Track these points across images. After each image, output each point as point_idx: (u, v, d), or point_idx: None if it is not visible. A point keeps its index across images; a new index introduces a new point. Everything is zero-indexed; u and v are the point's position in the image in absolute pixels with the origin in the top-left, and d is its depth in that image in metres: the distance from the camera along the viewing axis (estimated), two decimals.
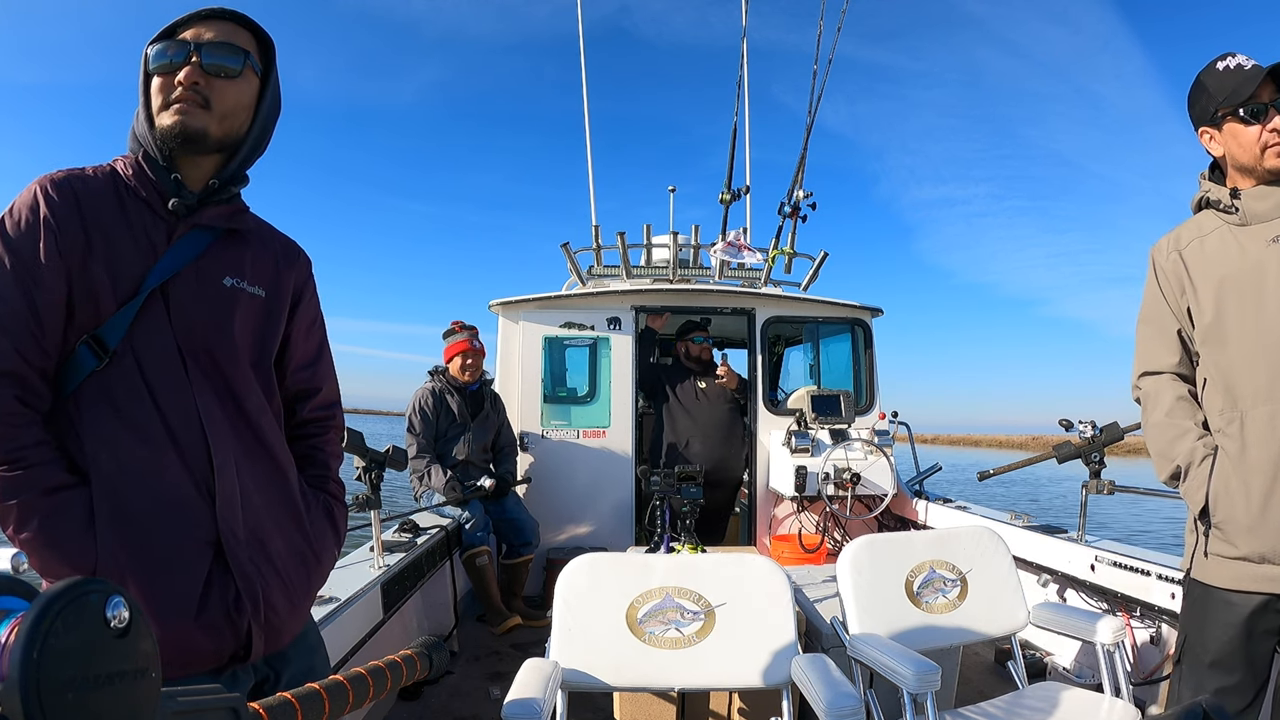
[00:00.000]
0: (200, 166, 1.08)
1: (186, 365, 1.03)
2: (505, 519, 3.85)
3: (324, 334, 1.30)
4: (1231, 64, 1.50)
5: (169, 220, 1.06)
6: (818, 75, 4.66)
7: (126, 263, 1.00)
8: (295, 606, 1.10)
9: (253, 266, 1.14)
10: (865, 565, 1.98)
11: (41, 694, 0.32)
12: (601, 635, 1.78)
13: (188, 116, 1.02)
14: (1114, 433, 2.94)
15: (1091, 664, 2.73)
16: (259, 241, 1.18)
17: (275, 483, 1.12)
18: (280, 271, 1.19)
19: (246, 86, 1.08)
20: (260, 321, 1.14)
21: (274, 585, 1.05)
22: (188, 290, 1.05)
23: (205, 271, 1.07)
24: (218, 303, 1.08)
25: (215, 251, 1.10)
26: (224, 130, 1.07)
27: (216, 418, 1.04)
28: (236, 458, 1.05)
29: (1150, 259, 1.68)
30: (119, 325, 0.98)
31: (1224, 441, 1.49)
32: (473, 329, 4.01)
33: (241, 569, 1.01)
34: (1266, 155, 1.47)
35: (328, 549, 1.19)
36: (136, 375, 0.99)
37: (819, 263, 5.00)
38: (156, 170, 1.05)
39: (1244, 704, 1.47)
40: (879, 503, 4.11)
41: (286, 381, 1.22)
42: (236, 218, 1.14)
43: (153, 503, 0.96)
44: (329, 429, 1.28)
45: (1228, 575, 1.47)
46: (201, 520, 0.99)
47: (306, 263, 1.26)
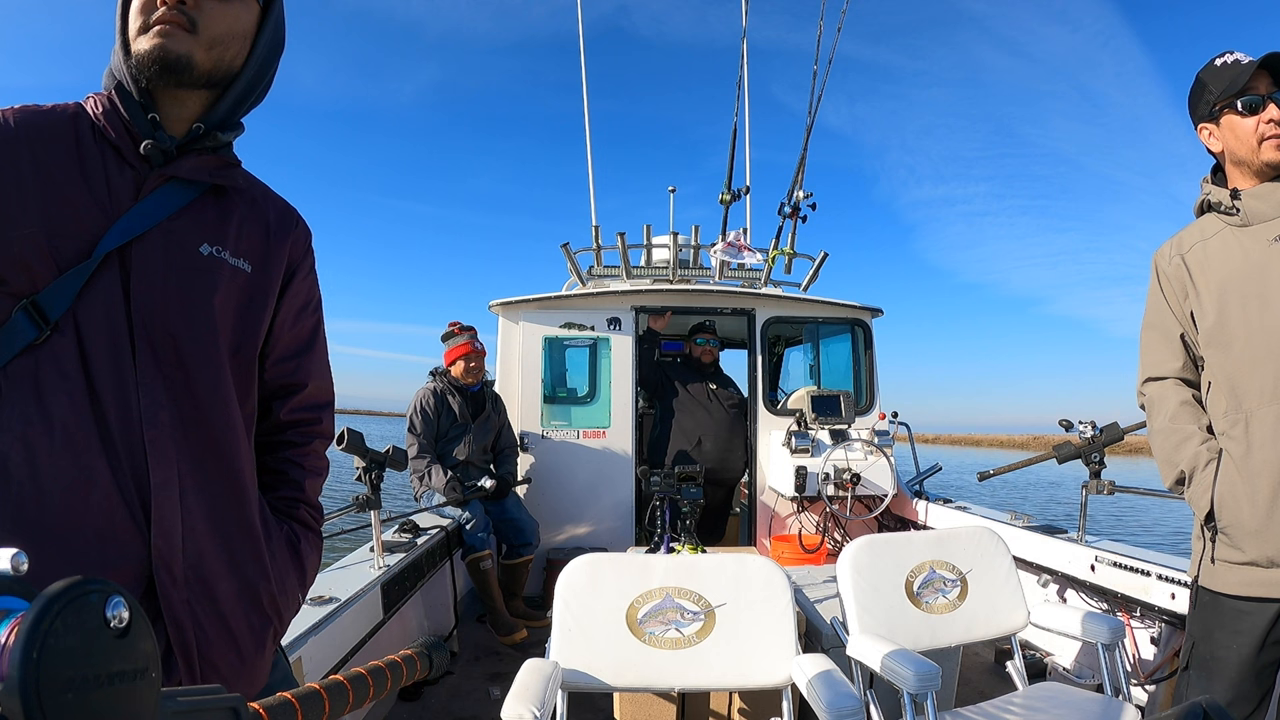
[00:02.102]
0: (184, 105, 0.90)
1: (136, 351, 0.83)
2: (505, 519, 3.85)
3: (319, 320, 1.08)
4: (1229, 59, 1.52)
5: (138, 169, 0.87)
6: (818, 75, 4.67)
7: (77, 217, 0.82)
8: (244, 662, 0.90)
9: (238, 234, 0.94)
10: (865, 565, 1.98)
11: (41, 694, 0.32)
12: (601, 635, 1.78)
13: (169, 40, 0.84)
14: (1114, 433, 2.94)
15: (1091, 664, 2.73)
16: (248, 204, 0.98)
17: (232, 509, 0.91)
18: (272, 242, 0.98)
19: (243, 11, 0.91)
20: (242, 302, 0.93)
21: (216, 637, 0.86)
22: (153, 256, 0.85)
23: (177, 235, 0.88)
24: (190, 275, 0.88)
25: (194, 211, 0.91)
26: (212, 60, 0.88)
27: (163, 422, 0.84)
28: (183, 474, 0.85)
29: (1153, 264, 1.68)
30: (64, 292, 0.80)
31: (1228, 444, 1.49)
32: (472, 330, 4.01)
33: (174, 614, 0.82)
34: (1263, 147, 1.47)
35: (288, 592, 0.97)
36: (74, 357, 0.80)
37: (819, 263, 5.00)
38: (130, 106, 0.87)
39: (1249, 710, 1.47)
40: (879, 503, 4.11)
41: (265, 374, 1.01)
42: (223, 172, 0.94)
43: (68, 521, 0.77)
44: (311, 438, 1.06)
45: (1236, 581, 1.47)
46: (129, 550, 0.80)
47: (305, 233, 1.06)
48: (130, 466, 0.81)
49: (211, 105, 0.92)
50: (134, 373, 0.83)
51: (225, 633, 0.87)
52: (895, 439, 4.38)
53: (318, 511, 1.07)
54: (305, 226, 1.06)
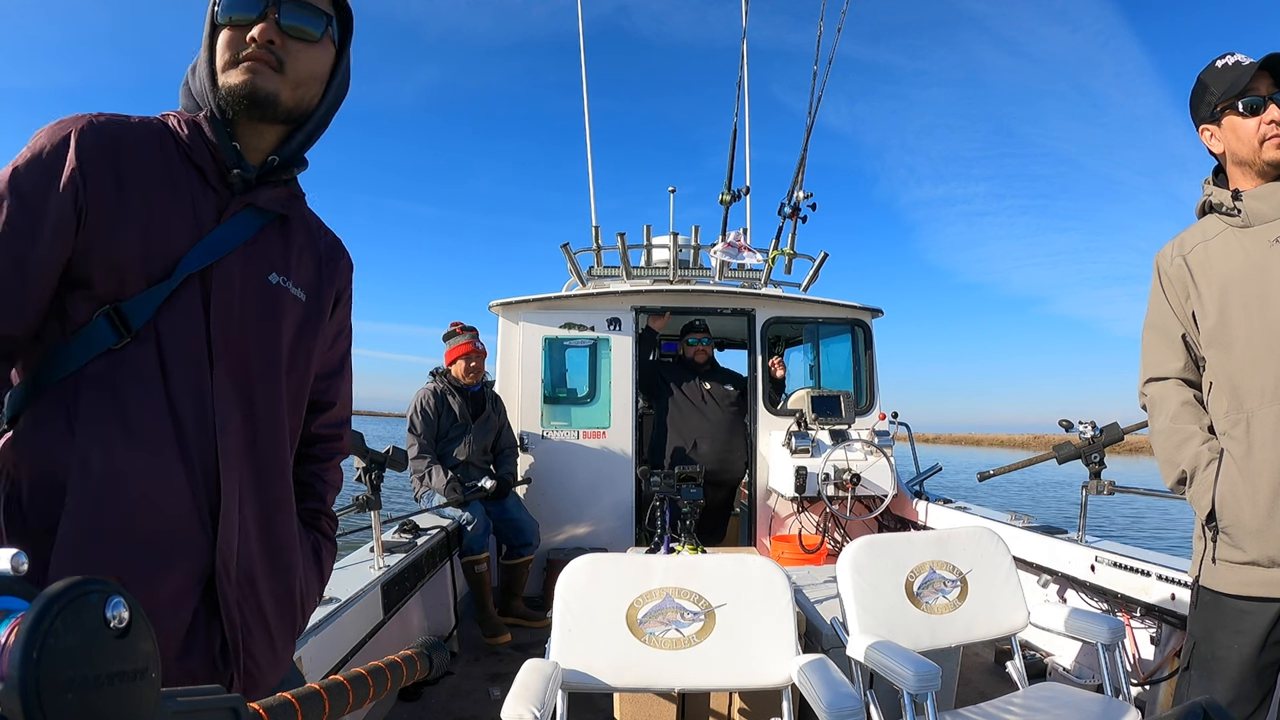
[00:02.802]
0: (262, 137, 0.96)
1: (214, 366, 0.89)
2: (506, 520, 3.85)
3: (349, 345, 1.16)
4: (1230, 61, 1.52)
5: (221, 194, 0.93)
6: (818, 75, 4.67)
7: (165, 233, 0.87)
8: (278, 657, 0.98)
9: (298, 264, 1.01)
10: (865, 566, 1.98)
11: (41, 694, 0.32)
12: (601, 636, 1.78)
13: (259, 77, 0.90)
14: (1114, 433, 2.94)
15: (1091, 664, 2.72)
16: (305, 235, 1.04)
17: (279, 516, 0.98)
18: (324, 274, 1.06)
19: (323, 55, 0.97)
20: (298, 328, 1.00)
21: (257, 633, 0.93)
22: (231, 279, 0.91)
23: (251, 261, 0.94)
24: (260, 299, 0.94)
25: (264, 239, 0.96)
26: (295, 99, 0.94)
27: (232, 431, 0.90)
28: (244, 482, 0.91)
29: (1155, 265, 1.68)
30: (147, 304, 0.84)
31: (1230, 444, 1.49)
32: (473, 330, 4.00)
33: (229, 613, 0.88)
34: (1265, 147, 1.47)
35: (310, 596, 1.05)
36: (155, 366, 0.84)
37: (819, 263, 5.00)
38: (219, 133, 0.92)
39: (1250, 710, 1.47)
40: (879, 503, 4.11)
41: None
42: (292, 203, 1.01)
43: (142, 525, 0.82)
44: (334, 454, 1.16)
45: (1237, 581, 1.47)
46: (195, 549, 0.86)
47: (349, 265, 1.13)
48: (202, 471, 0.87)
49: (285, 139, 0.98)
50: (211, 386, 0.88)
51: (265, 630, 0.94)
52: (895, 439, 4.38)
53: (334, 522, 1.17)
54: (349, 260, 1.14)
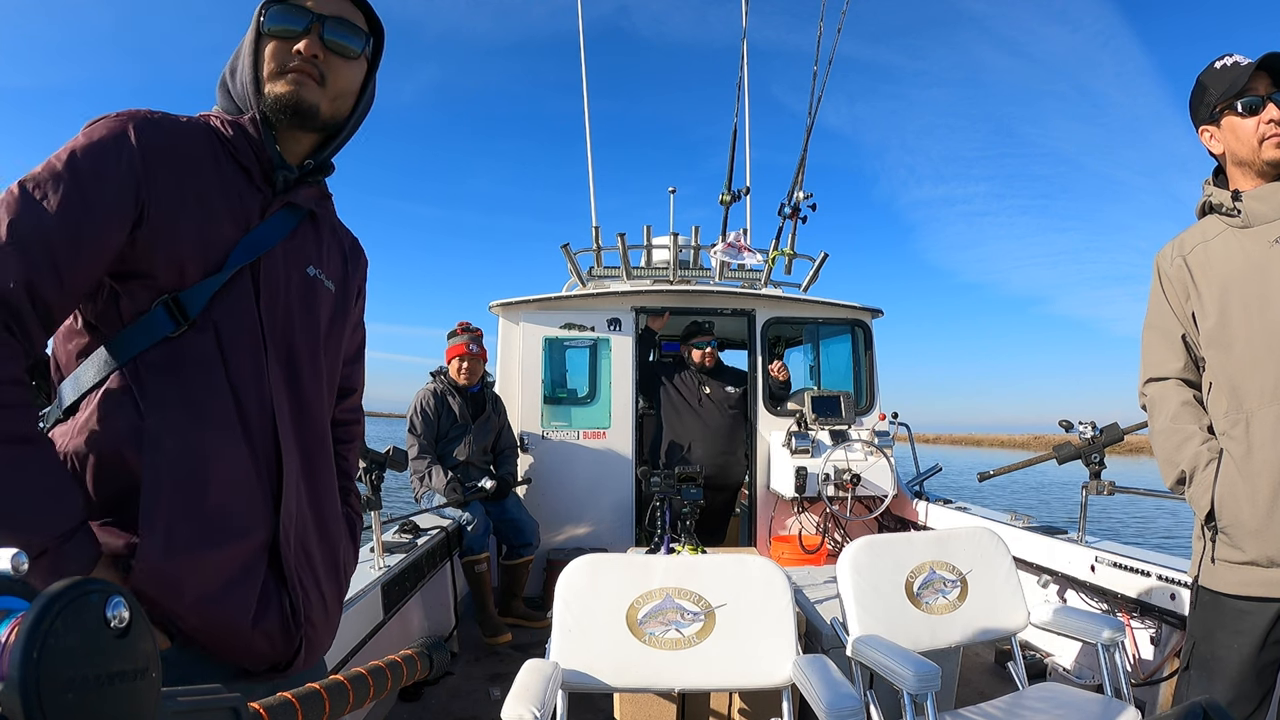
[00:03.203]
0: (300, 143, 1.03)
1: (267, 351, 0.95)
2: (506, 520, 3.86)
3: (364, 336, 1.27)
4: (1228, 62, 1.53)
5: (264, 192, 0.99)
6: (818, 75, 4.67)
7: (218, 228, 0.93)
8: (329, 620, 1.06)
9: (327, 258, 1.09)
10: (865, 566, 1.98)
11: (42, 694, 0.32)
12: (602, 636, 1.78)
13: (303, 89, 0.97)
14: (1114, 433, 2.94)
15: (1091, 664, 2.72)
16: (330, 232, 1.13)
17: (324, 491, 1.06)
18: (348, 268, 1.15)
19: (358, 70, 1.04)
20: (330, 318, 1.08)
21: (315, 598, 1.00)
22: (277, 271, 0.98)
23: (292, 255, 1.02)
24: (301, 290, 1.02)
25: (300, 235, 1.04)
26: (333, 110, 1.02)
27: (287, 414, 0.97)
28: (299, 459, 0.99)
29: (1155, 265, 1.68)
30: (202, 294, 0.90)
31: (1229, 444, 1.49)
32: (475, 332, 3.99)
33: (292, 580, 0.95)
34: (1264, 146, 1.48)
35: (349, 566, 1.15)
36: (215, 353, 0.90)
37: (819, 264, 5.00)
38: (265, 136, 0.99)
39: (1250, 710, 1.47)
40: (879, 504, 4.11)
41: None
42: (322, 203, 1.10)
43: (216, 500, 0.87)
44: (355, 437, 1.24)
45: (1236, 581, 1.47)
46: (261, 522, 0.92)
47: (366, 263, 1.23)
48: (263, 448, 0.93)
49: (319, 146, 1.06)
50: (266, 372, 0.95)
51: (320, 596, 1.01)
52: (895, 439, 4.38)
53: (360, 498, 1.26)
54: (366, 257, 1.23)
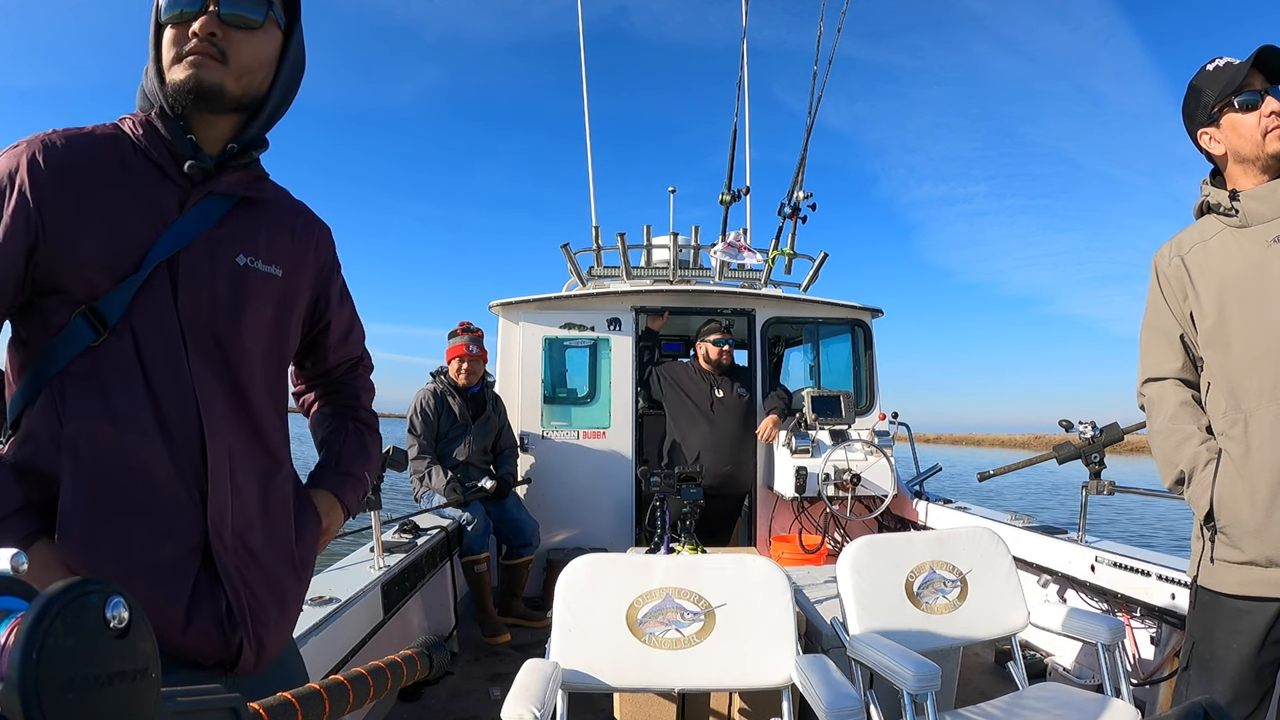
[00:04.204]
0: (216, 127, 0.98)
1: (188, 350, 0.93)
2: (506, 520, 3.85)
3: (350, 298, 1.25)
4: (1220, 63, 1.54)
5: (182, 185, 0.96)
6: (818, 75, 4.67)
7: (129, 232, 0.90)
8: (285, 617, 1.03)
9: (269, 242, 1.04)
10: (865, 566, 1.98)
11: (41, 694, 0.32)
12: (601, 636, 1.78)
13: (202, 70, 0.92)
14: (1114, 433, 2.94)
15: (1091, 664, 2.72)
16: (275, 213, 1.07)
17: (270, 483, 1.04)
18: (299, 247, 1.09)
19: (268, 40, 0.98)
20: (276, 304, 1.04)
21: (264, 594, 0.98)
22: (198, 265, 0.95)
23: (217, 245, 0.97)
24: (229, 281, 0.98)
25: (230, 223, 0.99)
26: (242, 87, 0.96)
27: (215, 411, 0.95)
28: (234, 454, 0.97)
29: (1153, 265, 1.68)
30: (120, 300, 0.89)
31: (1228, 444, 1.49)
32: (476, 332, 3.99)
33: (229, 578, 0.94)
34: (1268, 140, 1.47)
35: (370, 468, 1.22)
36: (132, 357, 0.90)
37: (819, 263, 5.00)
38: (172, 129, 0.95)
39: (1249, 710, 1.47)
40: (879, 503, 4.11)
41: (328, 359, 1.22)
42: (255, 185, 1.03)
43: (136, 499, 0.88)
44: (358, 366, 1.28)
45: (1235, 581, 1.47)
46: (187, 521, 0.91)
47: (327, 232, 1.17)
48: (186, 451, 0.91)
49: (243, 126, 1.00)
50: (188, 369, 0.93)
51: (270, 589, 0.99)
52: (895, 439, 4.38)
53: (373, 416, 1.27)
54: (327, 229, 1.17)
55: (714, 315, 4.63)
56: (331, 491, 1.17)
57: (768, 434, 4.21)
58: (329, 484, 1.17)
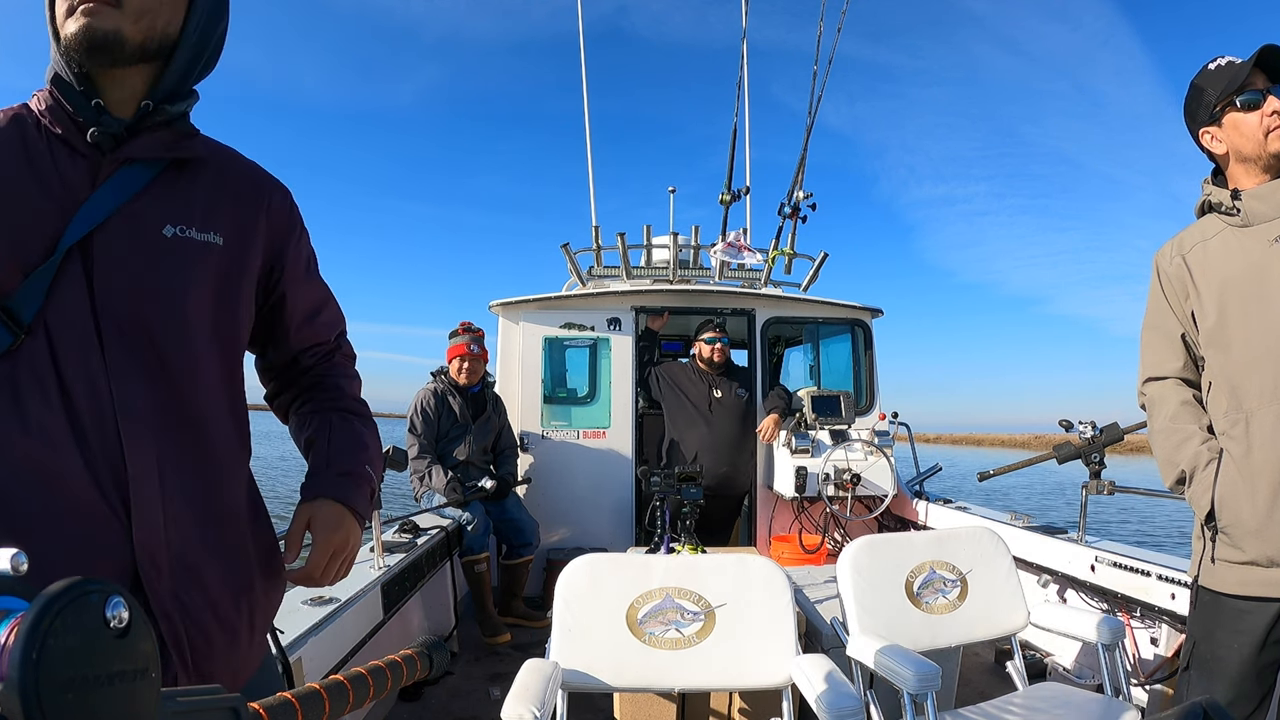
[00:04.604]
0: (126, 84, 0.86)
1: (104, 343, 0.81)
2: (505, 519, 3.86)
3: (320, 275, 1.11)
4: (1222, 62, 1.53)
5: (91, 158, 0.85)
6: (818, 75, 4.67)
7: (36, 219, 0.80)
8: (238, 648, 0.90)
9: (207, 207, 0.91)
10: (865, 566, 1.98)
11: (41, 694, 0.32)
12: (601, 636, 1.78)
13: (94, 18, 0.80)
14: (1114, 433, 2.94)
15: (1091, 664, 2.73)
16: (214, 174, 0.94)
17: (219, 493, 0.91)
18: (244, 210, 0.96)
19: None
20: (216, 277, 0.91)
21: (208, 620, 0.85)
22: (114, 244, 0.83)
23: (138, 218, 0.85)
24: (154, 258, 0.85)
25: (154, 192, 0.88)
26: (143, 31, 0.84)
27: (140, 411, 0.83)
28: (164, 462, 0.84)
29: (1154, 264, 1.68)
30: (33, 295, 0.79)
31: (1229, 444, 1.48)
32: (477, 332, 3.99)
33: (162, 606, 0.81)
34: (1270, 139, 1.47)
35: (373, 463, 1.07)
36: (46, 357, 0.79)
37: (819, 263, 5.00)
38: (70, 95, 0.84)
39: (1250, 710, 1.47)
40: (879, 503, 4.11)
41: (290, 341, 1.07)
42: (181, 145, 0.91)
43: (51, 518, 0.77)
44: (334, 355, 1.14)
45: (1235, 581, 1.46)
46: (111, 542, 0.79)
47: (283, 194, 1.03)
48: (106, 459, 0.80)
49: (157, 79, 0.88)
50: (104, 365, 0.81)
51: (216, 620, 0.86)
52: (895, 439, 4.38)
53: (363, 404, 1.14)
54: (282, 188, 1.03)
55: (714, 315, 4.63)
56: (334, 499, 1.00)
57: (768, 434, 4.21)
58: (328, 490, 1.00)
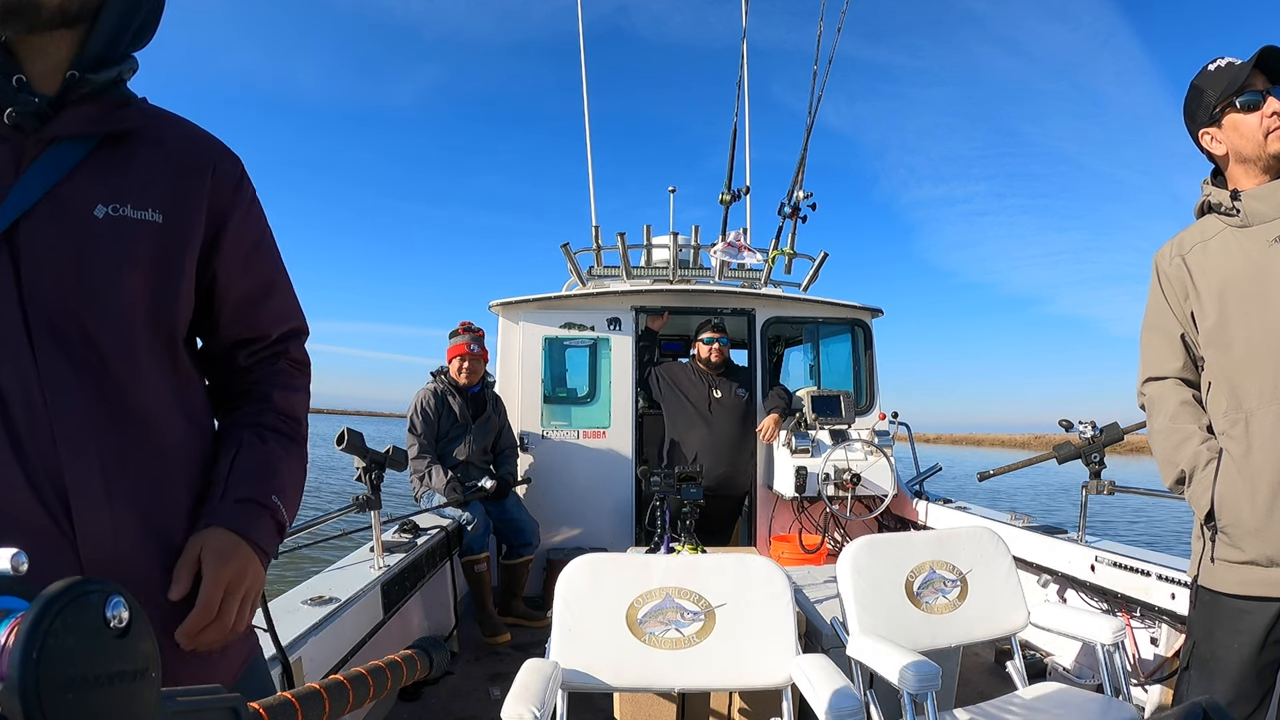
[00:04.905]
0: (49, 54, 0.79)
1: (34, 341, 0.75)
2: (505, 519, 3.86)
3: (275, 258, 1.00)
4: (1222, 63, 1.54)
5: (13, 141, 0.77)
6: (818, 75, 4.67)
7: None
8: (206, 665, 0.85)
9: (143, 182, 0.84)
10: (865, 566, 1.98)
11: (41, 694, 0.32)
12: (601, 636, 1.78)
13: None
14: (1114, 433, 2.94)
15: (1091, 664, 2.73)
16: (152, 144, 0.86)
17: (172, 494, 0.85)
18: (184, 181, 0.87)
19: None
20: (155, 258, 0.83)
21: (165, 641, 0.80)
22: (40, 231, 0.76)
23: (66, 201, 0.78)
24: (85, 243, 0.78)
25: (85, 171, 0.80)
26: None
27: (76, 413, 0.76)
28: (108, 466, 0.78)
29: (1154, 265, 1.69)
30: None
31: (1228, 444, 1.49)
32: (477, 332, 3.99)
33: None
34: (1269, 140, 1.48)
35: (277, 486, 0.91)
36: None
37: (819, 263, 5.01)
38: None
39: (1250, 710, 1.47)
40: (879, 503, 4.11)
41: (221, 329, 0.95)
42: (113, 116, 0.82)
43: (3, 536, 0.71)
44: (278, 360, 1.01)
45: (1235, 580, 1.47)
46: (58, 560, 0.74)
47: (231, 163, 0.93)
48: (45, 468, 0.74)
49: (82, 45, 0.80)
50: (34, 365, 0.75)
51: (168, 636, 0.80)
52: (895, 439, 4.38)
53: (293, 421, 0.99)
54: (230, 156, 0.94)
55: (714, 315, 4.63)
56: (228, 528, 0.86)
57: (768, 433, 4.21)
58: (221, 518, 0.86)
